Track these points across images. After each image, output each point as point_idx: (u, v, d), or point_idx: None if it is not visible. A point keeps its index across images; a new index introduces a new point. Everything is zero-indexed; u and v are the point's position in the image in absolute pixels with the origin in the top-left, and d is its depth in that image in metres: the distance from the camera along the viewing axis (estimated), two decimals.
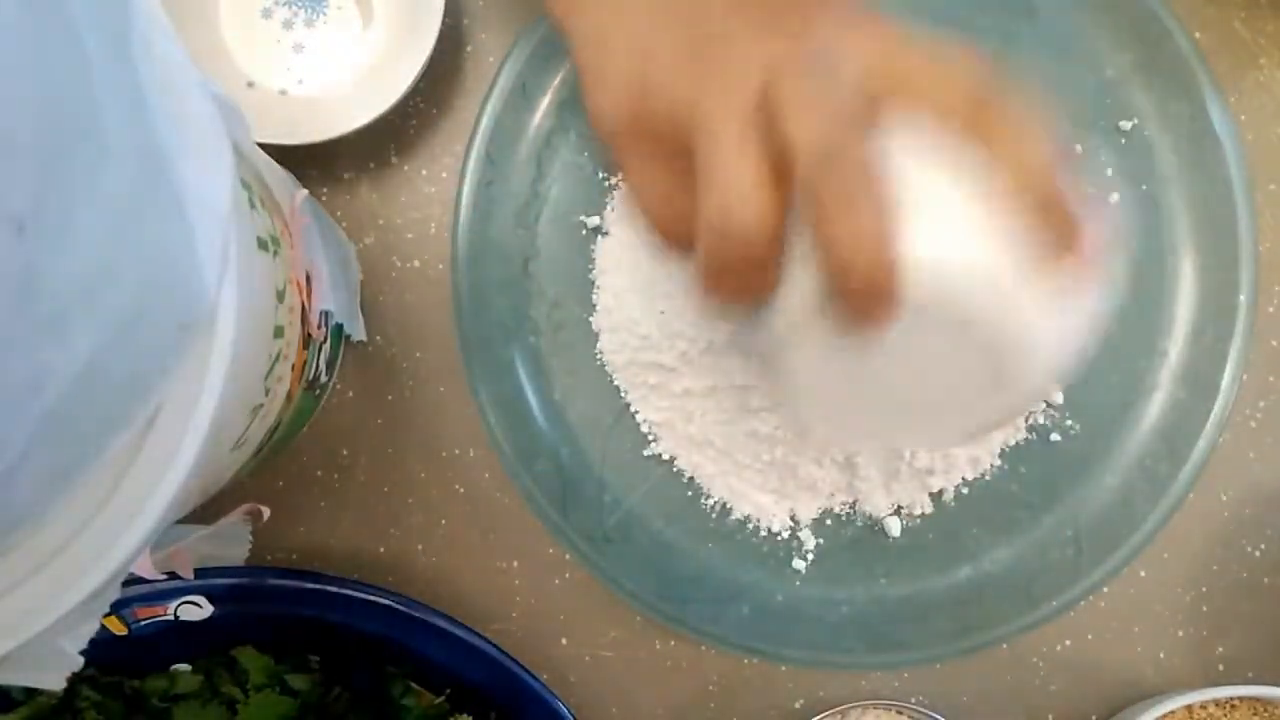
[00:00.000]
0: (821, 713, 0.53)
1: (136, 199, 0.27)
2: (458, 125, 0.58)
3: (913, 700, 0.56)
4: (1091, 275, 0.34)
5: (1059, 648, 0.56)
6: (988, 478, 0.55)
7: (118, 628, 0.50)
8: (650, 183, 0.37)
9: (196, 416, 0.32)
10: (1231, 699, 0.52)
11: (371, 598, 0.51)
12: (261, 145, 0.44)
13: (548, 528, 0.53)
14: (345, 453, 0.57)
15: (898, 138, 0.33)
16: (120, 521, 0.31)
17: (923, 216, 0.33)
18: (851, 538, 0.55)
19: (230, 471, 0.42)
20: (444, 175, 0.58)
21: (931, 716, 0.53)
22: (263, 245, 0.38)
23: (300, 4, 0.56)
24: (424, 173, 0.58)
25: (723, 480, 0.54)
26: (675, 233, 0.37)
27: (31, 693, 0.50)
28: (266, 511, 0.48)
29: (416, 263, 0.58)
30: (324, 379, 0.53)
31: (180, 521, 0.41)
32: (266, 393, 0.40)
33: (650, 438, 0.55)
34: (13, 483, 0.26)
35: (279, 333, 0.40)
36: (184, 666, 0.52)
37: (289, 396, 0.45)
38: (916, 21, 0.54)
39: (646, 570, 0.54)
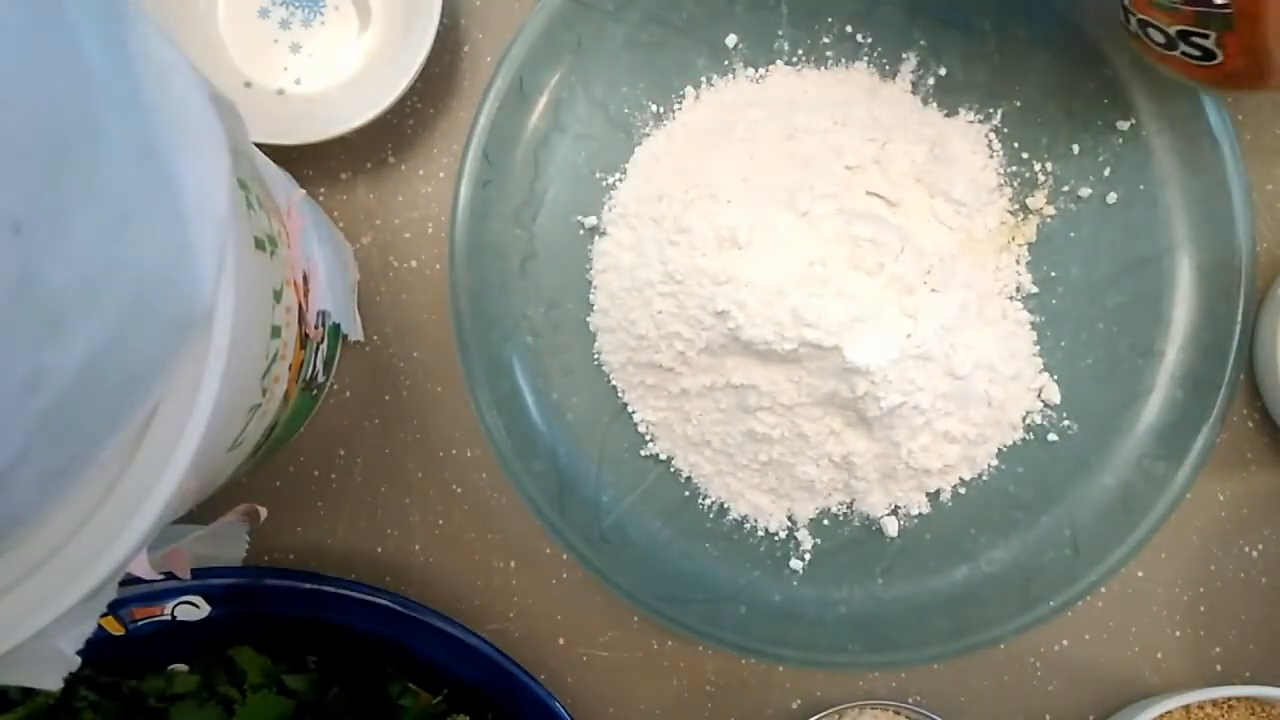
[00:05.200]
0: (819, 713, 0.53)
1: (133, 199, 0.27)
2: (455, 125, 0.58)
3: (910, 700, 0.56)
4: None
5: (1056, 648, 0.56)
6: (985, 478, 0.55)
7: (115, 628, 0.50)
8: None
9: (193, 416, 0.32)
10: (1229, 699, 0.52)
11: (369, 598, 0.51)
12: (258, 145, 0.44)
13: (545, 527, 0.53)
14: (342, 453, 0.57)
15: None
16: (117, 521, 0.31)
17: None
18: (849, 538, 0.55)
19: (227, 471, 0.42)
20: (441, 175, 0.58)
21: (929, 716, 0.53)
22: (260, 245, 0.38)
23: (297, 4, 0.56)
24: (421, 173, 0.58)
25: (720, 480, 0.54)
26: None
27: (29, 693, 0.50)
28: (264, 512, 0.48)
29: (414, 262, 0.58)
30: (321, 379, 0.52)
31: (177, 522, 0.41)
32: (264, 393, 0.40)
33: (647, 437, 0.55)
34: (10, 483, 0.26)
35: (276, 333, 0.40)
36: (181, 667, 0.52)
37: (286, 396, 0.45)
38: (916, 22, 0.55)
39: (644, 570, 0.54)
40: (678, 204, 0.53)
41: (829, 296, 0.50)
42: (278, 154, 0.49)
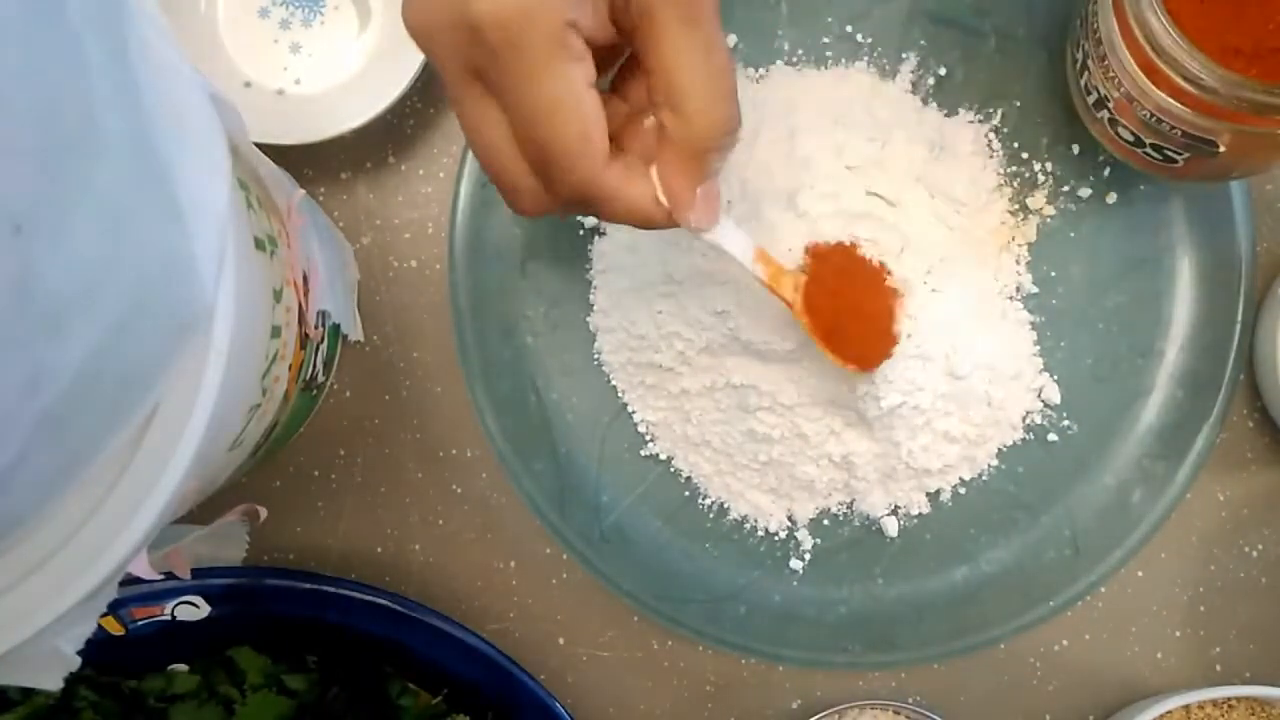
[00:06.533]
0: (819, 713, 0.53)
1: (133, 199, 0.27)
2: (455, 125, 0.58)
3: (910, 700, 0.56)
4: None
5: (1056, 648, 0.56)
6: (985, 478, 0.55)
7: (115, 628, 0.50)
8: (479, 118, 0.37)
9: (193, 416, 0.32)
10: (1229, 699, 0.52)
11: (369, 598, 0.51)
12: (258, 145, 0.44)
13: (545, 528, 0.53)
14: (342, 453, 0.57)
15: None
16: (117, 521, 0.31)
17: None
18: (849, 538, 0.55)
19: (227, 472, 0.42)
20: (441, 175, 0.58)
21: (928, 716, 0.53)
22: (260, 245, 0.38)
23: (297, 4, 0.56)
24: (421, 172, 0.58)
25: (720, 480, 0.54)
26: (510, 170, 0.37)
27: (29, 693, 0.50)
28: (264, 512, 0.48)
29: (414, 262, 0.58)
30: (321, 379, 0.52)
31: (177, 522, 0.41)
32: (264, 393, 0.40)
33: (647, 438, 0.55)
34: (10, 483, 0.26)
35: (276, 333, 0.40)
36: (181, 667, 0.52)
37: (286, 396, 0.45)
38: (916, 22, 0.55)
39: (644, 570, 0.54)
40: None
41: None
42: (277, 154, 0.49)
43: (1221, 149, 0.45)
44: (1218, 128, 0.44)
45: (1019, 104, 0.55)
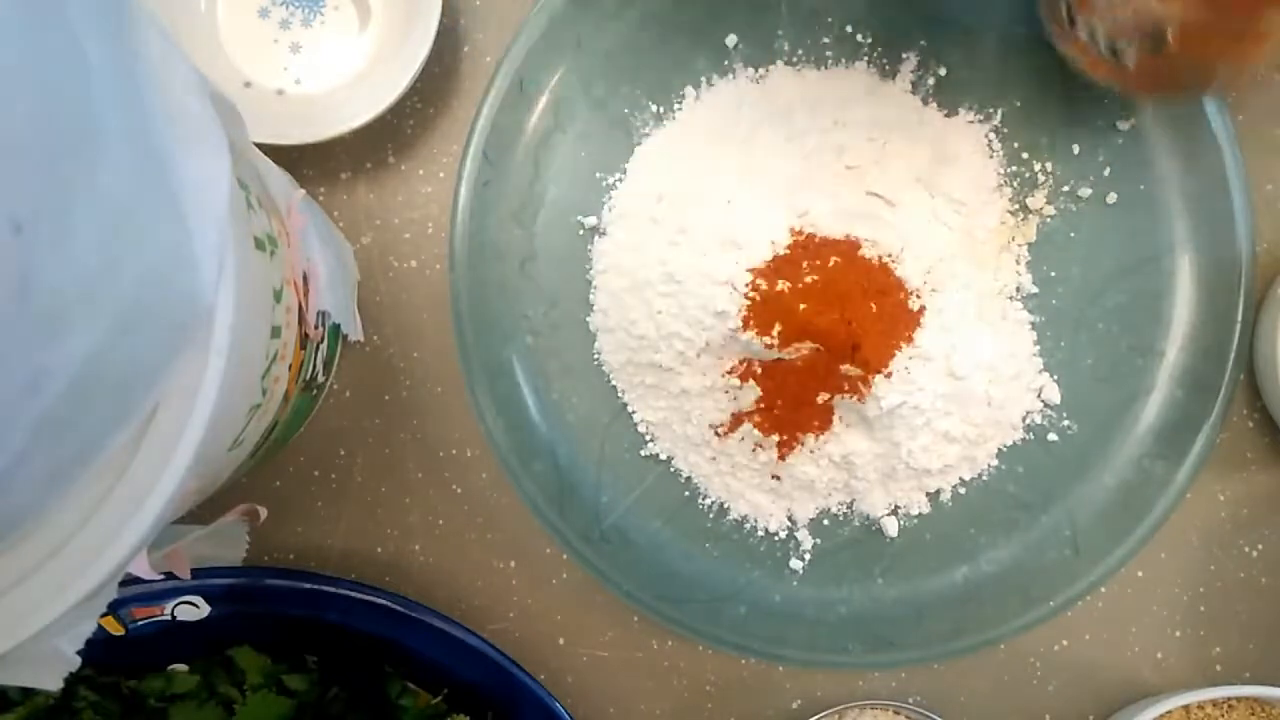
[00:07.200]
0: (819, 713, 0.53)
1: (134, 199, 0.27)
2: (455, 125, 0.58)
3: (910, 700, 0.56)
4: None
5: (1056, 648, 0.56)
6: (985, 478, 0.55)
7: (115, 628, 0.50)
8: None
9: (194, 417, 0.32)
10: (1229, 699, 0.52)
11: (369, 598, 0.51)
12: (258, 145, 0.44)
13: (545, 528, 0.53)
14: (342, 453, 0.57)
15: None
16: (117, 521, 0.31)
17: None
18: (849, 538, 0.55)
19: (227, 472, 0.42)
20: (441, 175, 0.58)
21: (928, 716, 0.53)
22: (260, 245, 0.38)
23: (297, 4, 0.56)
24: (421, 173, 0.58)
25: (720, 480, 0.54)
26: None
27: (29, 693, 0.50)
28: (264, 512, 0.48)
29: (414, 263, 0.58)
30: (321, 379, 0.52)
31: (178, 522, 0.41)
32: (264, 393, 0.40)
33: (647, 438, 0.55)
34: (10, 483, 0.26)
35: (276, 333, 0.40)
36: (181, 666, 0.52)
37: (286, 396, 0.45)
38: (917, 21, 0.54)
39: (644, 570, 0.54)
40: (678, 204, 0.53)
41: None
42: (277, 154, 0.49)
43: (1170, 40, 0.45)
44: (1169, 13, 0.44)
45: (1019, 104, 0.55)
